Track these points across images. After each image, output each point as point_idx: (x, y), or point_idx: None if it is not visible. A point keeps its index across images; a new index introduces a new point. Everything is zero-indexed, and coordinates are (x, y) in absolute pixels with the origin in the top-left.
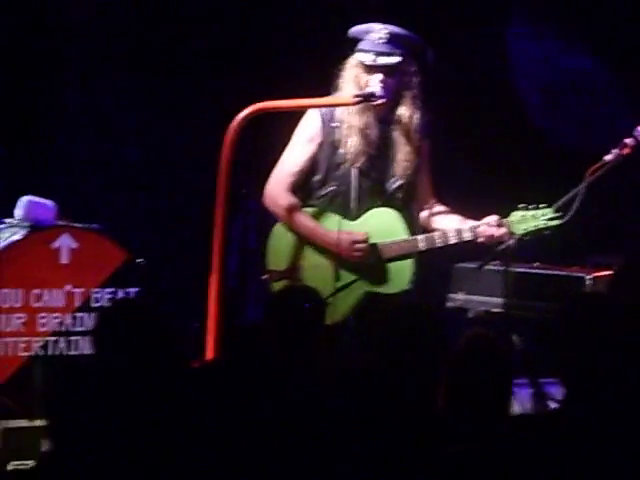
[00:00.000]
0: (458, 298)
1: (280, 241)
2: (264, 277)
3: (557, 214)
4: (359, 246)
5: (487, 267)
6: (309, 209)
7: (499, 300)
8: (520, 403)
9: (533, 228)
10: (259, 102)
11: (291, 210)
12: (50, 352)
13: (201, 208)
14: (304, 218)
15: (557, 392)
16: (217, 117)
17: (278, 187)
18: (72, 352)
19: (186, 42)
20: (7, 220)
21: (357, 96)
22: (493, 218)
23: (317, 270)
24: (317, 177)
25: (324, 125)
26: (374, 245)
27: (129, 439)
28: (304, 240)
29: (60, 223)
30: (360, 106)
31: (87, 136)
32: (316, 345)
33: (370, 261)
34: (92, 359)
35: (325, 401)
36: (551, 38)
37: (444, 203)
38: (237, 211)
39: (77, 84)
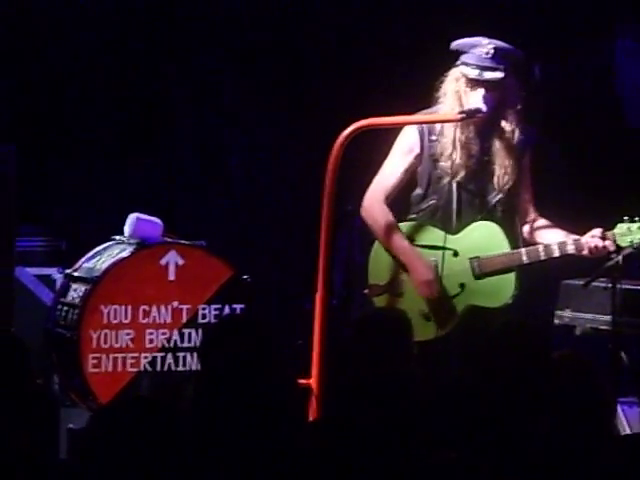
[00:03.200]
0: (565, 315)
1: (381, 255)
2: (365, 291)
3: None
4: (426, 287)
5: (594, 284)
6: (409, 223)
7: (606, 317)
8: (629, 422)
9: (639, 240)
10: (363, 119)
11: (386, 224)
12: (158, 368)
13: (306, 225)
14: (394, 233)
15: None
16: (322, 134)
17: (374, 199)
18: (179, 368)
19: (292, 60)
20: (116, 237)
21: (462, 112)
22: (597, 231)
23: None
24: (418, 191)
25: (422, 138)
26: (476, 258)
27: (231, 455)
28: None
29: (167, 240)
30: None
31: (195, 153)
32: (405, 363)
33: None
34: (199, 375)
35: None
36: None
37: (546, 217)
38: (342, 228)
39: (187, 102)
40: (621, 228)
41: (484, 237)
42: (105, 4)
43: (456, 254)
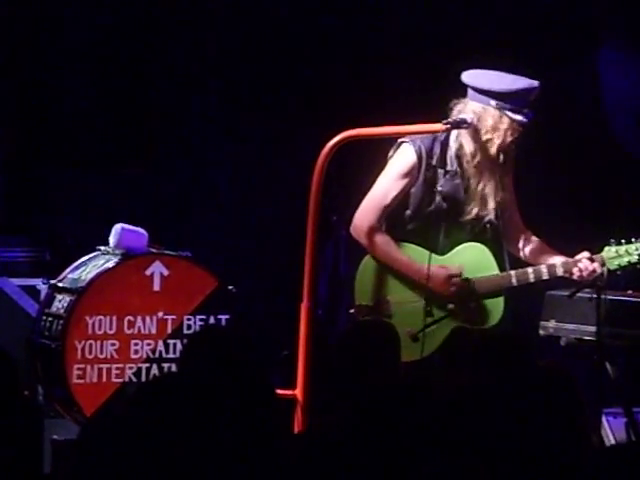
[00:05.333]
0: (550, 326)
1: (368, 275)
2: (352, 311)
3: None
4: (455, 280)
5: (579, 295)
6: (400, 243)
7: (591, 328)
8: (614, 433)
9: (626, 264)
10: (349, 129)
11: (383, 243)
12: (143, 379)
13: (292, 235)
14: (396, 252)
15: None
16: (307, 144)
17: (367, 219)
18: None
19: (278, 70)
20: (101, 248)
21: (447, 123)
22: (585, 255)
23: (407, 305)
24: (408, 212)
25: (420, 163)
26: (467, 280)
27: (209, 465)
28: (393, 274)
29: (152, 250)
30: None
31: (180, 163)
32: (391, 379)
33: (463, 296)
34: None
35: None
36: None
37: (539, 236)
38: (328, 239)
39: (173, 112)
40: (609, 251)
41: (472, 259)
42: (90, 18)
43: None
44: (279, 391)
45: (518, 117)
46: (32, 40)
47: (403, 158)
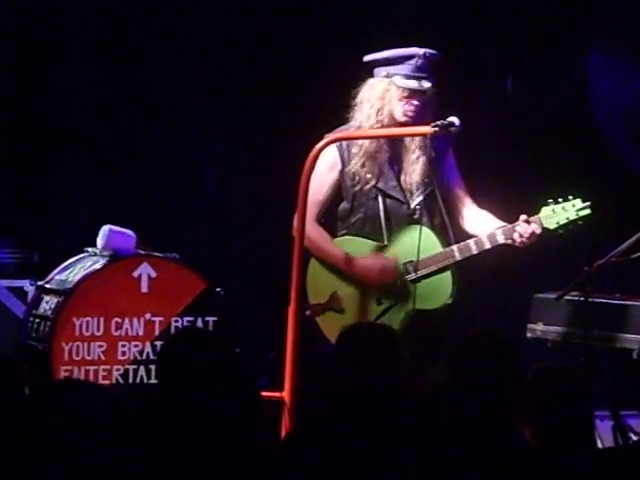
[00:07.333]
0: (537, 329)
1: (318, 273)
2: (307, 312)
3: (586, 203)
4: (389, 269)
5: (566, 298)
6: (341, 238)
7: (579, 331)
8: (601, 436)
9: (565, 221)
10: (336, 132)
11: (319, 240)
12: (130, 380)
13: (280, 237)
14: (333, 248)
15: (639, 424)
16: (295, 147)
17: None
18: (152, 380)
19: (266, 73)
20: (89, 249)
21: (435, 126)
22: (522, 218)
23: (358, 297)
24: (343, 205)
25: (342, 153)
26: (410, 262)
27: (194, 467)
28: (339, 269)
29: (140, 252)
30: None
31: (168, 165)
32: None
33: (408, 279)
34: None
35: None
36: (631, 64)
37: (486, 208)
38: None
39: (163, 115)
40: (545, 211)
41: (415, 241)
42: (85, 21)
43: None
44: (267, 393)
45: (406, 83)
46: (26, 42)
47: (325, 153)
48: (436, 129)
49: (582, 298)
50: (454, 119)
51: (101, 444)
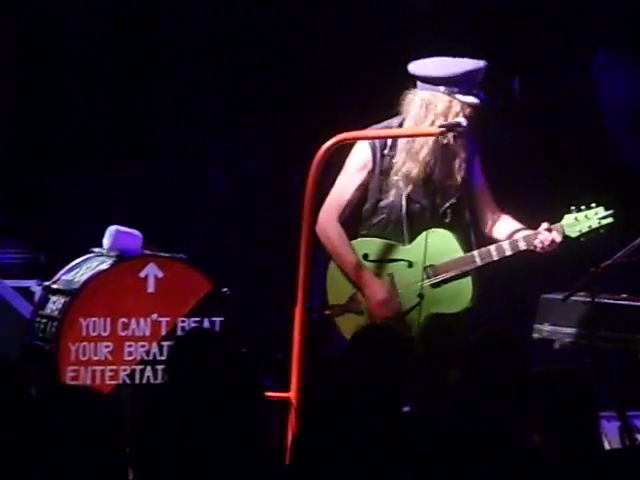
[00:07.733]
0: (544, 329)
1: (338, 274)
2: (327, 313)
3: (609, 212)
4: (388, 302)
5: (573, 298)
6: (362, 239)
7: (585, 331)
8: (608, 437)
9: (587, 229)
10: (344, 132)
11: (336, 242)
12: (136, 381)
13: (286, 238)
14: (347, 252)
15: None
16: (303, 147)
17: (328, 217)
18: (158, 381)
19: (273, 74)
20: (95, 249)
21: (442, 126)
22: (544, 225)
23: None
24: (367, 206)
25: (375, 153)
26: (431, 266)
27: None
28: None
29: (147, 252)
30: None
31: (175, 165)
32: (405, 379)
33: (428, 283)
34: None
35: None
36: (637, 65)
37: (513, 215)
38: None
39: (170, 115)
40: (568, 219)
41: (436, 244)
42: (84, 20)
43: (410, 265)
44: (273, 394)
45: (468, 99)
46: (26, 42)
47: (358, 152)
48: (443, 129)
49: (589, 299)
50: (461, 119)
51: (100, 449)
